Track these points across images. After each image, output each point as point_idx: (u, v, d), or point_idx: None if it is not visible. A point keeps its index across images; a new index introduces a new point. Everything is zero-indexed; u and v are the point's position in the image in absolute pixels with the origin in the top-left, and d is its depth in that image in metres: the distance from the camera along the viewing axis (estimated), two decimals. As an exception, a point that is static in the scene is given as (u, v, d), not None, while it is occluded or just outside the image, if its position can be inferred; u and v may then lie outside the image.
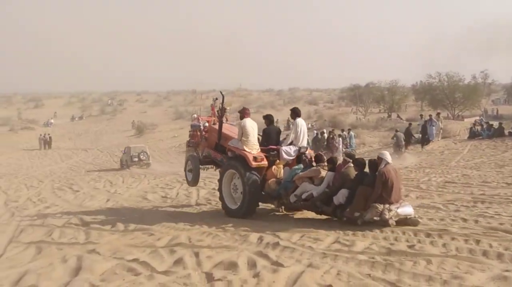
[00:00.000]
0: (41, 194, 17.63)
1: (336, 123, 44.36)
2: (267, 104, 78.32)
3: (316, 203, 9.44)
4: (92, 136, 59.49)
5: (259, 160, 10.21)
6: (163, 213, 12.07)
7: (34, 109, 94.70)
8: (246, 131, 10.42)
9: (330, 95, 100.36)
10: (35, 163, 36.33)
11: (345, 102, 70.17)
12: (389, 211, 8.46)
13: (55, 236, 9.80)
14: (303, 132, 10.61)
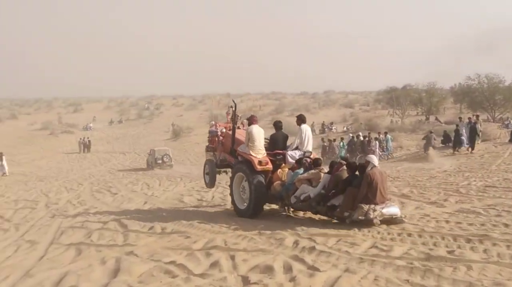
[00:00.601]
0: (80, 197, 18.05)
1: (372, 126, 43.80)
2: (302, 107, 77.91)
3: (312, 203, 10.05)
4: (130, 140, 60.49)
5: (264, 164, 10.94)
6: (199, 215, 12.15)
7: (74, 114, 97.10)
8: (252, 137, 11.11)
9: (366, 98, 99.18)
10: (75, 166, 37.21)
11: (381, 105, 69.17)
12: (374, 211, 9.02)
13: (94, 238, 10.01)
14: (308, 138, 11.29)
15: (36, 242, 10.05)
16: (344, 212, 9.36)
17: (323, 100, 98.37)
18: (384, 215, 9.12)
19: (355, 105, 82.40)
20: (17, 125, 73.83)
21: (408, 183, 16.27)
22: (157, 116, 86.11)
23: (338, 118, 61.73)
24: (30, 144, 56.06)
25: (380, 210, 9.08)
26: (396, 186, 15.42)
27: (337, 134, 43.23)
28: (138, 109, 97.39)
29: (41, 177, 29.15)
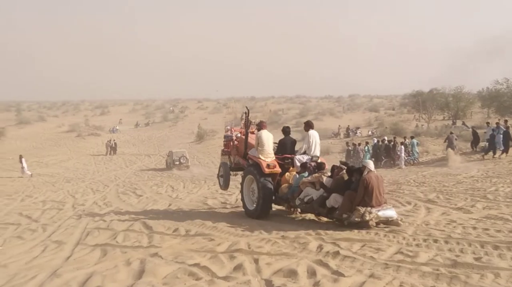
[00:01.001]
0: (106, 198, 18.30)
1: (398, 130, 43.34)
2: (326, 111, 77.76)
3: (314, 205, 10.57)
4: (155, 142, 61.09)
5: (272, 167, 11.55)
6: (223, 218, 12.19)
7: (100, 116, 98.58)
8: (261, 141, 11.75)
9: (392, 102, 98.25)
10: (101, 168, 37.72)
11: (407, 109, 68.39)
12: (370, 213, 9.48)
13: (120, 239, 10.13)
14: (315, 143, 11.88)
15: (63, 243, 10.23)
16: (343, 214, 9.86)
17: (347, 104, 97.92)
18: (380, 217, 9.57)
19: (380, 109, 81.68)
20: (45, 128, 75.26)
21: (434, 188, 16.04)
22: (182, 119, 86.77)
23: (363, 122, 61.32)
24: (57, 146, 57.15)
25: (376, 213, 9.54)
26: (422, 191, 15.21)
27: (361, 139, 42.90)
28: (164, 112, 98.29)
29: (68, 178, 29.65)
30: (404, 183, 18.40)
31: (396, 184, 18.16)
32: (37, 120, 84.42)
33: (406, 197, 14.13)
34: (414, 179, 19.39)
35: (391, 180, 19.57)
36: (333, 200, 10.22)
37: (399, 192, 15.59)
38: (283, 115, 78.74)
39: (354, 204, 9.69)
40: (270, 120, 72.77)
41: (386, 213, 9.69)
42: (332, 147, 42.06)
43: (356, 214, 9.58)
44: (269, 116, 78.06)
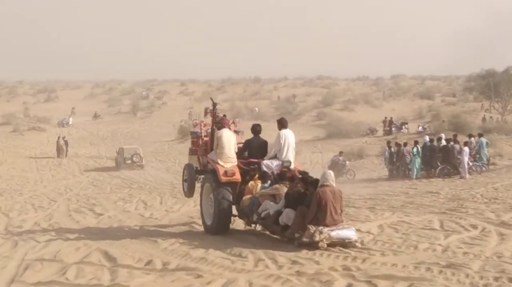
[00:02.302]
0: (53, 218, 18.33)
1: (460, 125, 43.25)
2: (359, 98, 77.59)
3: (267, 222, 11.76)
4: (121, 141, 61.11)
5: (230, 175, 12.50)
6: (215, 245, 12.19)
7: (46, 104, 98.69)
8: (221, 143, 12.80)
9: (451, 86, 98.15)
10: (46, 176, 37.73)
11: (473, 96, 68.25)
12: (320, 233, 10.65)
13: (71, 275, 10.12)
14: (288, 145, 12.82)
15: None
16: (295, 233, 11.06)
17: (389, 88, 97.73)
18: (332, 238, 10.75)
19: (435, 96, 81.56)
20: (-32, 120, 75.38)
21: (510, 206, 16.02)
22: (159, 108, 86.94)
23: (411, 113, 61.28)
24: (-15, 145, 57.23)
25: (328, 233, 10.70)
26: (493, 210, 15.19)
27: (409, 137, 42.83)
28: (134, 98, 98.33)
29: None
30: (468, 198, 18.34)
31: (456, 200, 18.12)
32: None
33: (470, 219, 14.09)
34: (482, 194, 19.34)
35: (449, 195, 19.55)
36: (286, 217, 11.35)
37: (460, 211, 15.56)
38: (300, 104, 78.71)
39: (306, 222, 10.84)
40: (281, 111, 72.90)
41: (341, 234, 10.86)
42: (368, 147, 42.07)
43: (306, 233, 10.78)
44: (278, 106, 78.09)
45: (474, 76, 66.22)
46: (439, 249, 10.86)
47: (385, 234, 12.82)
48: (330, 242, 10.73)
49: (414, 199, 18.92)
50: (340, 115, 60.57)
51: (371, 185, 25.44)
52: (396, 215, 15.41)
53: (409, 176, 27.40)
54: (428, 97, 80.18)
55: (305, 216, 10.92)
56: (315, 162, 39.44)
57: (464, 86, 78.08)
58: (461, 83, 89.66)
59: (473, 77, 66.72)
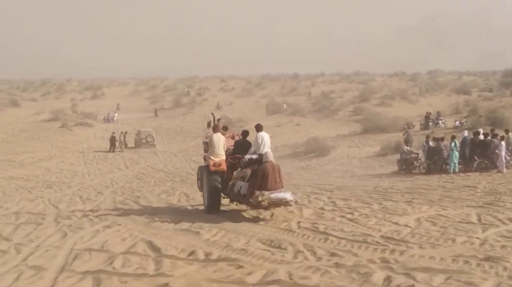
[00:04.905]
0: (100, 210, 18.57)
1: (497, 120, 42.48)
2: (396, 94, 76.71)
3: (237, 195, 15.53)
4: (164, 135, 61.59)
5: (217, 165, 16.28)
6: (255, 238, 12.23)
7: (92, 100, 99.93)
8: (212, 143, 16.47)
9: (489, 81, 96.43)
10: (93, 169, 38.21)
11: (510, 91, 67.02)
12: (262, 195, 14.16)
13: (117, 265, 10.27)
14: (264, 144, 16.05)
15: (43, 269, 10.43)
16: (250, 199, 14.61)
17: (426, 84, 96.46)
18: (272, 199, 14.27)
19: (472, 91, 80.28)
20: (19, 115, 76.51)
21: (548, 200, 15.72)
22: (200, 104, 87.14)
23: (448, 108, 60.30)
24: (35, 139, 58.11)
25: (268, 195, 14.22)
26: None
27: (446, 131, 42.29)
28: (175, 95, 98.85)
29: (49, 182, 30.16)
30: (505, 192, 18.06)
31: (494, 194, 17.85)
32: (8, 105, 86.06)
33: (508, 212, 13.88)
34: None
35: (486, 189, 19.26)
36: (243, 188, 15.17)
37: (498, 205, 15.34)
38: (337, 99, 78.29)
39: (254, 189, 14.44)
40: (317, 106, 72.59)
41: (279, 195, 14.37)
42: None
43: (253, 196, 14.33)
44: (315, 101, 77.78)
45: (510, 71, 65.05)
46: (477, 243, 10.74)
47: (423, 227, 12.71)
48: (270, 201, 14.28)
49: (451, 193, 18.67)
50: (376, 111, 59.96)
51: (408, 179, 25.17)
52: (433, 209, 15.25)
53: (446, 170, 27.03)
54: (465, 92, 78.87)
55: (254, 185, 14.57)
56: (352, 156, 39.17)
57: (501, 81, 76.69)
58: (497, 79, 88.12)
59: (510, 72, 65.55)
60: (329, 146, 42.21)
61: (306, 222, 14.14)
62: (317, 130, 54.41)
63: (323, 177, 28.94)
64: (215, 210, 16.53)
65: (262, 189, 14.31)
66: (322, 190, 20.87)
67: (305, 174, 31.74)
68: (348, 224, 13.49)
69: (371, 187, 21.84)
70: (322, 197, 18.62)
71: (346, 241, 11.45)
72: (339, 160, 38.28)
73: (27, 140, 56.67)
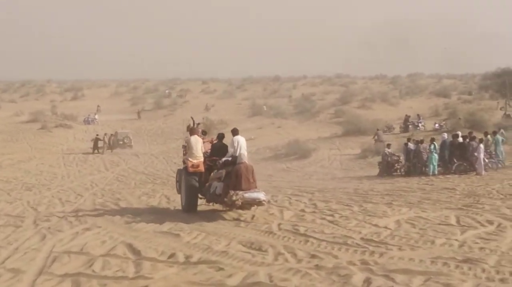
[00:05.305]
0: (79, 212, 18.44)
1: (476, 123, 42.94)
2: (377, 97, 77.17)
3: (213, 195, 16.12)
4: (145, 137, 61.46)
5: (195, 166, 16.80)
6: (236, 240, 12.22)
7: (72, 102, 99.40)
8: (190, 145, 17.01)
9: (468, 84, 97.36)
10: (73, 171, 38.03)
11: (489, 94, 67.64)
12: (236, 195, 14.81)
13: (97, 267, 10.21)
14: (240, 147, 16.41)
15: (21, 271, 10.34)
16: (224, 198, 15.27)
17: (406, 87, 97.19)
18: (246, 198, 14.88)
19: (451, 94, 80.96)
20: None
21: (526, 202, 15.87)
22: (181, 106, 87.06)
23: (428, 111, 60.84)
24: (14, 141, 57.72)
25: (242, 195, 14.86)
26: (509, 206, 15.07)
27: (425, 134, 42.58)
28: (157, 97, 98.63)
29: (28, 184, 29.92)
30: (484, 194, 18.21)
31: (473, 196, 17.99)
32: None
33: (486, 214, 13.99)
34: (498, 190, 19.19)
35: (465, 191, 19.42)
36: (219, 188, 15.80)
37: (477, 207, 15.46)
38: (318, 102, 78.56)
39: (229, 189, 15.10)
40: (299, 108, 72.77)
41: (252, 195, 15.02)
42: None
43: (228, 196, 14.98)
44: (296, 103, 78.01)
45: (490, 75, 65.64)
46: (456, 244, 10.82)
47: (402, 229, 12.79)
48: (244, 201, 14.86)
49: (430, 195, 18.79)
50: (357, 113, 60.30)
51: (388, 181, 25.32)
52: (413, 211, 15.34)
53: (425, 172, 27.21)
54: (445, 95, 79.58)
55: (229, 185, 15.26)
56: (333, 159, 39.34)
57: (480, 84, 77.34)
58: (477, 82, 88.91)
59: (489, 76, 66.14)
60: (310, 148, 42.35)
61: (287, 224, 14.17)
62: (298, 132, 54.58)
63: (304, 179, 29.04)
64: (192, 209, 17.00)
65: (236, 189, 14.98)
66: (303, 192, 20.92)
67: (286, 176, 31.85)
68: (328, 226, 13.53)
69: (351, 189, 21.92)
70: (303, 199, 18.66)
71: (327, 243, 11.48)
72: (320, 162, 38.43)
73: (6, 142, 56.22)
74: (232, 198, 14.79)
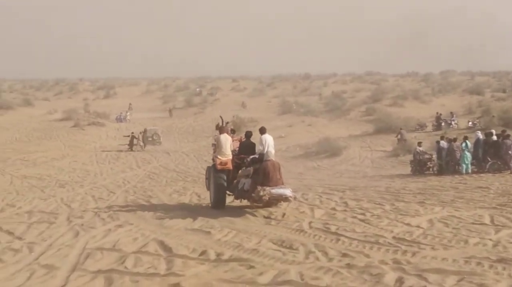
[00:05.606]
0: (111, 209, 18.60)
1: (510, 121, 42.37)
2: (409, 94, 76.45)
3: (241, 192, 16.60)
4: (176, 135, 61.73)
5: (224, 164, 17.26)
6: (267, 238, 12.22)
7: (105, 100, 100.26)
8: (220, 143, 17.55)
9: (501, 81, 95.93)
10: (105, 169, 38.38)
11: (523, 91, 66.68)
12: (264, 190, 15.32)
13: (129, 264, 10.29)
14: (268, 145, 16.96)
15: (55, 268, 10.48)
16: (252, 194, 15.76)
17: (439, 84, 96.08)
18: (273, 194, 15.41)
19: (485, 91, 79.89)
20: (32, 115, 76.90)
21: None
22: (212, 104, 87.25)
23: (461, 109, 60.07)
24: (48, 139, 58.35)
25: (269, 190, 15.39)
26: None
27: (459, 132, 42.10)
28: (187, 94, 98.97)
29: (62, 181, 30.27)
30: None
31: (507, 195, 17.73)
32: (21, 104, 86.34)
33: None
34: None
35: (499, 190, 19.14)
36: (247, 185, 16.37)
37: (511, 206, 15.24)
38: (349, 100, 78.14)
39: (257, 185, 15.65)
40: (329, 106, 72.44)
41: (279, 191, 15.54)
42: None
43: (255, 191, 15.51)
44: (327, 101, 77.68)
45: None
46: (490, 244, 10.68)
47: (435, 228, 12.66)
48: (271, 196, 15.39)
49: (464, 194, 18.57)
50: (389, 111, 59.80)
51: (420, 180, 25.09)
52: (446, 210, 15.18)
53: (459, 171, 26.90)
54: (478, 92, 78.43)
55: (256, 181, 15.85)
56: (364, 157, 39.12)
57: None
58: (510, 79, 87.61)
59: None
60: (341, 146, 42.14)
61: (318, 222, 14.13)
62: (329, 130, 54.35)
63: (335, 177, 28.91)
64: (220, 206, 17.38)
65: (263, 185, 15.55)
66: (333, 190, 20.82)
67: (317, 174, 31.74)
68: (359, 225, 13.46)
69: (383, 187, 21.77)
70: (333, 198, 18.59)
71: (358, 241, 11.42)
72: (351, 160, 38.23)
73: (40, 140, 56.93)
74: (259, 193, 15.31)
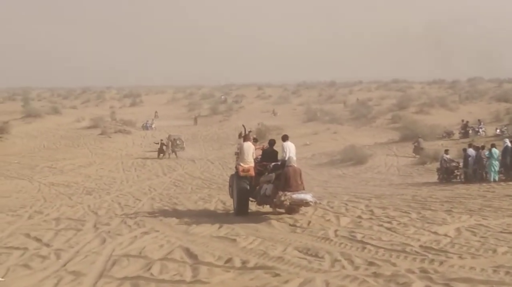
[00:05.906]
0: (138, 216, 18.71)
1: (539, 128, 41.77)
2: (435, 101, 75.88)
3: (263, 197, 16.96)
4: (201, 143, 61.93)
5: (246, 171, 17.57)
6: (292, 246, 12.19)
7: (131, 108, 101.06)
8: (242, 151, 17.93)
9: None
10: (131, 176, 38.62)
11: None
12: (285, 196, 15.65)
13: (155, 271, 10.35)
14: (289, 151, 17.41)
15: (82, 274, 10.57)
16: (274, 199, 16.15)
17: (466, 91, 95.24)
18: (294, 199, 15.71)
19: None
20: (60, 122, 77.62)
21: None
22: (237, 112, 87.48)
23: (488, 116, 59.48)
24: (75, 146, 58.94)
25: (290, 195, 15.68)
26: None
27: (486, 139, 41.65)
28: (212, 102, 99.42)
29: (89, 189, 30.55)
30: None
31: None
32: (50, 112, 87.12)
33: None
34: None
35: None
36: (268, 190, 16.73)
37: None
38: (375, 107, 77.79)
39: (278, 190, 15.97)
40: (355, 114, 72.17)
41: (300, 196, 15.80)
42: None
43: (277, 197, 15.87)
44: (352, 109, 77.43)
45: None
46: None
47: (463, 237, 12.54)
48: (292, 201, 15.69)
49: (492, 202, 18.37)
50: (415, 118, 59.43)
51: (447, 188, 24.85)
52: (473, 218, 15.02)
53: (487, 179, 26.61)
54: (506, 100, 77.55)
55: (278, 187, 16.15)
56: (390, 165, 38.85)
57: (543, 88, 75.17)
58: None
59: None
60: (367, 154, 41.89)
61: (343, 230, 14.07)
62: (354, 138, 54.11)
63: (361, 185, 28.77)
64: (243, 212, 17.53)
65: (285, 190, 15.80)
66: (359, 198, 20.71)
67: (342, 182, 31.61)
68: (386, 233, 13.37)
69: (409, 195, 21.60)
70: (359, 206, 18.49)
71: (384, 250, 11.34)
72: (377, 168, 37.98)
73: (68, 147, 57.53)
74: (280, 198, 15.63)
